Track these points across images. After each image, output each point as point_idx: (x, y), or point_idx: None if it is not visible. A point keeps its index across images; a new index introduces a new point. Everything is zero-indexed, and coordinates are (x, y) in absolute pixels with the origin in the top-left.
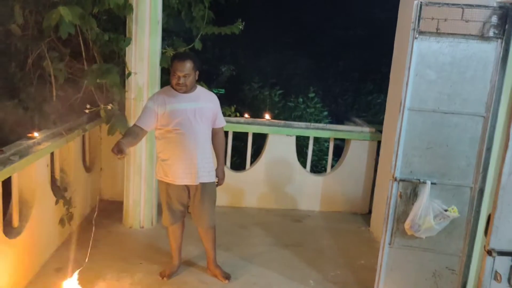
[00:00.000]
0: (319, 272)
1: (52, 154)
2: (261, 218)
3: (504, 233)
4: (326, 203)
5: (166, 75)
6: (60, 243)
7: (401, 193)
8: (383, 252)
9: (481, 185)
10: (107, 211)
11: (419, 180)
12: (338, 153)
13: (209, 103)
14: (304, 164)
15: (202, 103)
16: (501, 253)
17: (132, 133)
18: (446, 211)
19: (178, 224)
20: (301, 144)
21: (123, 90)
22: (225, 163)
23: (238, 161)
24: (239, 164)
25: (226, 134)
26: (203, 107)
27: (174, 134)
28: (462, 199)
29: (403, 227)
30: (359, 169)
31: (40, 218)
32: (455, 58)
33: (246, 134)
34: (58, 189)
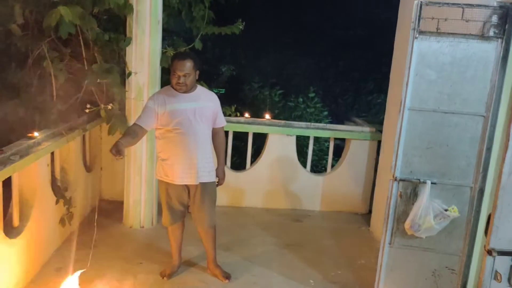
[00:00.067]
0: (319, 272)
1: (52, 153)
2: (261, 218)
3: (504, 233)
4: (326, 203)
5: (166, 75)
6: (61, 242)
7: (401, 193)
8: (383, 251)
9: (481, 185)
10: (107, 211)
11: (419, 180)
12: (338, 153)
13: (209, 102)
14: (304, 164)
15: (202, 103)
16: (501, 252)
17: (132, 132)
18: (446, 211)
19: (178, 224)
20: (301, 144)
21: (123, 90)
22: (226, 163)
23: (238, 161)
24: (239, 164)
25: (226, 133)
26: (203, 106)
27: (174, 133)
28: (462, 199)
29: (403, 227)
30: (359, 169)
31: (40, 217)
32: (455, 58)
33: (247, 134)
34: (58, 188)
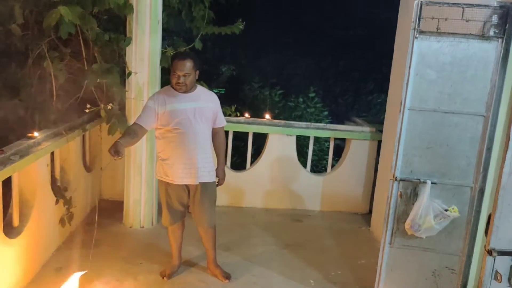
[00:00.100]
0: (319, 272)
1: (52, 153)
2: (262, 218)
3: (505, 233)
4: (326, 203)
5: (166, 75)
6: (61, 242)
7: (401, 192)
8: (383, 251)
9: (482, 185)
10: (107, 210)
11: (420, 179)
12: (339, 153)
13: (209, 102)
14: (304, 164)
15: (202, 103)
16: (502, 252)
17: (132, 132)
18: (447, 210)
19: (178, 224)
20: (301, 144)
21: (123, 89)
22: (226, 163)
23: (239, 161)
24: (240, 164)
25: (226, 133)
26: (203, 106)
27: (174, 133)
28: (463, 199)
29: (404, 226)
30: (360, 168)
31: (40, 217)
32: (455, 58)
33: (247, 134)
34: (58, 188)
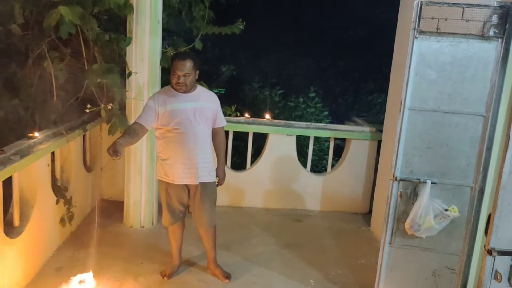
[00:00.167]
0: (319, 272)
1: (52, 153)
2: (262, 217)
3: (504, 233)
4: (326, 203)
5: (167, 75)
6: (61, 242)
7: (401, 192)
8: (383, 251)
9: (481, 185)
10: (107, 210)
11: (419, 179)
12: (339, 153)
13: (209, 102)
14: (304, 164)
15: (202, 103)
16: (501, 252)
17: (132, 131)
18: (446, 210)
19: (178, 224)
20: (301, 143)
21: (123, 89)
22: (226, 162)
23: (239, 160)
24: (240, 164)
25: (226, 133)
26: (203, 106)
27: (174, 133)
28: (462, 199)
29: (403, 226)
30: (360, 168)
31: (40, 217)
32: (455, 58)
33: (247, 134)
34: (58, 188)
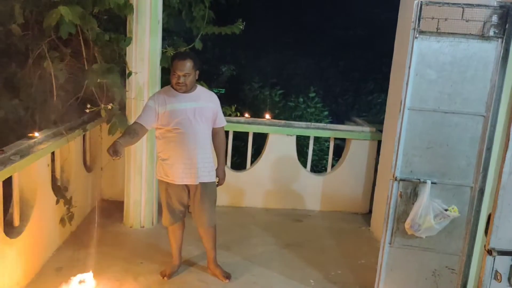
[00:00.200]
0: (319, 272)
1: (52, 153)
2: (262, 217)
3: (505, 233)
4: (326, 203)
5: (167, 75)
6: (61, 242)
7: (401, 192)
8: (383, 251)
9: (481, 185)
10: (107, 210)
11: (419, 179)
12: (339, 153)
13: (209, 102)
14: (304, 164)
15: (202, 103)
16: (502, 252)
17: (132, 131)
18: (446, 210)
19: (178, 224)
20: (301, 143)
21: (123, 89)
22: (226, 162)
23: (239, 160)
24: (240, 164)
25: (226, 133)
26: (203, 106)
27: (174, 133)
28: (462, 199)
29: (403, 226)
30: (360, 168)
31: (40, 217)
32: (455, 58)
33: (247, 134)
34: (58, 188)
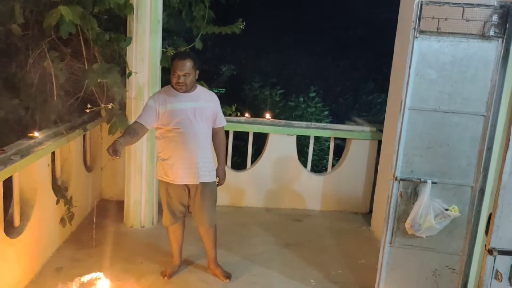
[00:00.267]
0: (319, 272)
1: (53, 153)
2: (262, 217)
3: (505, 232)
4: (326, 203)
5: (167, 75)
6: (61, 242)
7: (401, 192)
8: (383, 251)
9: (482, 185)
10: (108, 210)
11: (420, 179)
12: (339, 153)
13: (209, 102)
14: (305, 164)
15: (202, 103)
16: (502, 252)
17: (132, 131)
18: (447, 210)
19: (179, 224)
20: (302, 143)
21: (123, 89)
22: (226, 162)
23: (239, 160)
24: (240, 164)
25: (226, 133)
26: (203, 106)
27: (174, 133)
28: (463, 199)
29: (404, 226)
30: (360, 168)
31: (41, 217)
32: (455, 57)
33: (247, 134)
34: (59, 188)
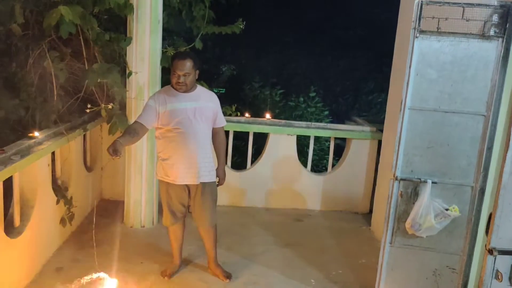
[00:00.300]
0: (320, 271)
1: (53, 153)
2: (262, 217)
3: (505, 232)
4: (327, 202)
5: (167, 75)
6: (61, 242)
7: (402, 192)
8: (384, 251)
9: (482, 184)
10: (108, 210)
11: (420, 179)
12: (339, 153)
13: (209, 102)
14: (305, 164)
15: (202, 103)
16: (502, 252)
17: (132, 131)
18: (447, 210)
19: (179, 224)
20: (302, 143)
21: (124, 89)
22: (226, 162)
23: (239, 160)
24: (240, 164)
25: (226, 133)
26: (203, 106)
27: (174, 133)
28: (463, 198)
29: (404, 226)
30: (360, 168)
31: (41, 217)
32: (456, 57)
33: (247, 134)
34: (59, 188)
